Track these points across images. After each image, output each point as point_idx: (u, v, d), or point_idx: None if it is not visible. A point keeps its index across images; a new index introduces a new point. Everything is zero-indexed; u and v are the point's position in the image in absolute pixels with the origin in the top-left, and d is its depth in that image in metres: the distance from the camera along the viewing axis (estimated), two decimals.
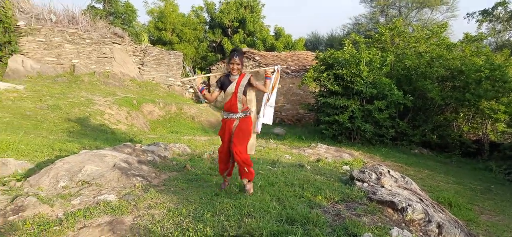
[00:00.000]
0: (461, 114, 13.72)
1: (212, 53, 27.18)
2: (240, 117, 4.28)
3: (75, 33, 15.91)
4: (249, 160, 4.32)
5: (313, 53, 22.38)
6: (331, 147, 10.23)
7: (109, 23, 18.98)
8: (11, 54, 14.22)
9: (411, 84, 13.34)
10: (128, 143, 6.71)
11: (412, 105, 12.79)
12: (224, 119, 4.36)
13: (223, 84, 4.31)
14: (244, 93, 4.29)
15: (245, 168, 4.27)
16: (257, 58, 19.42)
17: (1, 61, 14.02)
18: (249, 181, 4.37)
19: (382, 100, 11.88)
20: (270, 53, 21.26)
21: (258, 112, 4.72)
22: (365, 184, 4.81)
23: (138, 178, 4.66)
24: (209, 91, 5.95)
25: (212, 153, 7.15)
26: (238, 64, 4.22)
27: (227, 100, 4.31)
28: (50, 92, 12.28)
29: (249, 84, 4.33)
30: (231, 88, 4.24)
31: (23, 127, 8.53)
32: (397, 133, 12.79)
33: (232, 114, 4.28)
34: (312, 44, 36.00)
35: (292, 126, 17.31)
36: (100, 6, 22.87)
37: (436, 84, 13.10)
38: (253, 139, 4.66)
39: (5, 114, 9.35)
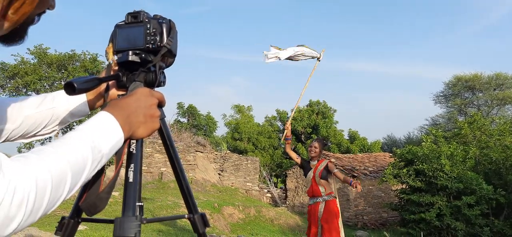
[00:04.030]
0: None
1: (287, 159, 27.77)
2: (325, 200, 4.49)
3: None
4: None
5: (390, 154, 21.98)
6: None
7: (193, 135, 20.73)
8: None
9: (501, 178, 12.43)
10: None
11: (506, 201, 11.78)
12: (309, 206, 4.59)
13: (304, 168, 4.65)
14: (324, 178, 4.55)
15: None
16: (332, 160, 19.52)
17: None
18: None
19: (471, 195, 11.17)
20: (346, 155, 21.29)
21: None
22: None
23: None
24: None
25: None
26: (316, 148, 4.59)
27: (309, 187, 4.58)
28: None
29: (327, 170, 4.61)
30: (310, 173, 4.55)
31: None
32: (493, 232, 11.67)
33: (315, 199, 4.51)
34: (389, 147, 35.28)
35: (376, 230, 16.54)
36: (184, 120, 25.20)
37: None
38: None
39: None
